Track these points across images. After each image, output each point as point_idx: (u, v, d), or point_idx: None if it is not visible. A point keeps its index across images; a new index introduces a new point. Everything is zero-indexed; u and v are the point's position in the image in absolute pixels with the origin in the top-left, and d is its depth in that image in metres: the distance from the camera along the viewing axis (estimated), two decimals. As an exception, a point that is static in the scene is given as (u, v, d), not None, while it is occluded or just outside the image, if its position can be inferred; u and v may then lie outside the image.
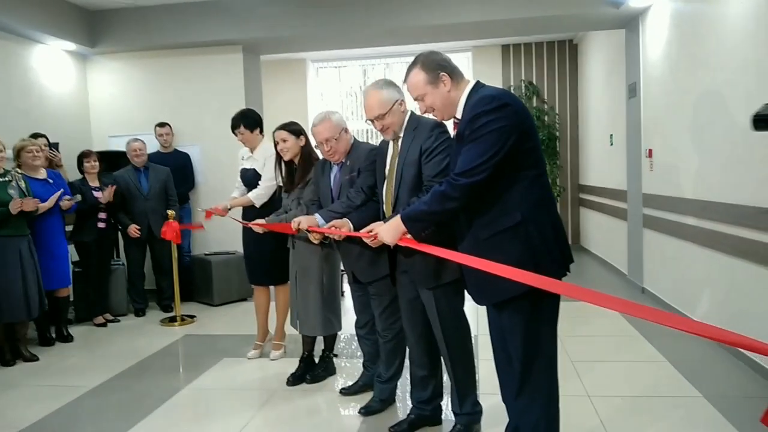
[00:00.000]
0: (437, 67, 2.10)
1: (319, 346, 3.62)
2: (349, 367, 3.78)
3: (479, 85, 2.11)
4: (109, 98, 6.30)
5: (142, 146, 5.32)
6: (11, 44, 5.28)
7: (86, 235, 4.98)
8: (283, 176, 3.51)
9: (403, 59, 8.43)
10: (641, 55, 5.32)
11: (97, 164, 5.04)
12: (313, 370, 3.54)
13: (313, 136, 3.07)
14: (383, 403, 3.07)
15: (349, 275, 3.05)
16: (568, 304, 2.19)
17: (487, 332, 2.25)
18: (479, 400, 2.71)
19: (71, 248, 4.91)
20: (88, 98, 6.32)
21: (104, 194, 4.93)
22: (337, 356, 3.78)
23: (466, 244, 2.09)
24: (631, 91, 5.58)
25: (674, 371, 3.48)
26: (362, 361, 3.37)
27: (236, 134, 3.89)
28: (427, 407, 2.79)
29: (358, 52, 8.02)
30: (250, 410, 3.15)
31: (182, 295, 5.20)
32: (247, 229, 3.74)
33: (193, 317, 5.16)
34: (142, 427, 3.00)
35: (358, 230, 2.57)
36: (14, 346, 4.13)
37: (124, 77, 6.28)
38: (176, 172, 5.58)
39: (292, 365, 3.63)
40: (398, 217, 2.17)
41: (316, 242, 3.09)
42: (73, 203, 4.53)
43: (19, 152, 4.31)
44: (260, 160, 3.88)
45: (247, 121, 3.86)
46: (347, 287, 4.24)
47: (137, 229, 5.16)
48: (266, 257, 3.80)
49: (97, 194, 4.93)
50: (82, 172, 5.03)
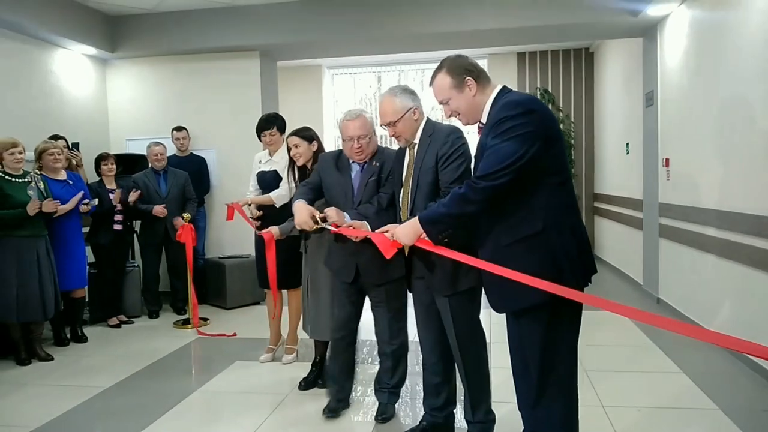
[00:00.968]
0: (463, 71, 2.08)
1: (331, 351, 3.61)
2: (360, 371, 3.75)
3: (505, 90, 2.09)
4: (127, 102, 6.38)
5: (163, 150, 5.37)
6: (33, 48, 5.36)
7: (102, 237, 5.02)
8: (296, 181, 3.52)
9: (416, 66, 8.46)
10: (659, 63, 5.29)
11: (114, 167, 5.10)
12: (325, 374, 3.53)
13: (342, 130, 2.91)
14: (392, 407, 3.08)
15: (347, 278, 2.91)
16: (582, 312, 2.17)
17: (501, 340, 2.23)
18: (493, 408, 2.68)
19: (87, 250, 4.95)
20: (107, 102, 6.40)
21: (116, 196, 4.95)
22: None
23: (486, 249, 2.05)
24: (648, 99, 5.54)
25: (690, 383, 3.43)
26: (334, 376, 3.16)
27: (264, 136, 3.95)
28: (440, 414, 2.77)
29: (372, 59, 8.05)
30: (261, 414, 3.16)
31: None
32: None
33: (206, 320, 5.18)
34: (154, 428, 3.01)
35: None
36: (30, 345, 4.17)
37: (142, 81, 6.35)
38: (192, 175, 5.62)
39: (304, 369, 3.63)
40: (416, 218, 2.15)
41: (309, 230, 2.87)
42: (91, 207, 4.58)
43: (40, 154, 4.37)
44: (281, 162, 3.90)
45: (279, 123, 4.01)
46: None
47: (164, 207, 5.17)
48: (278, 261, 3.80)
49: (112, 195, 4.98)
50: (99, 174, 5.09)
